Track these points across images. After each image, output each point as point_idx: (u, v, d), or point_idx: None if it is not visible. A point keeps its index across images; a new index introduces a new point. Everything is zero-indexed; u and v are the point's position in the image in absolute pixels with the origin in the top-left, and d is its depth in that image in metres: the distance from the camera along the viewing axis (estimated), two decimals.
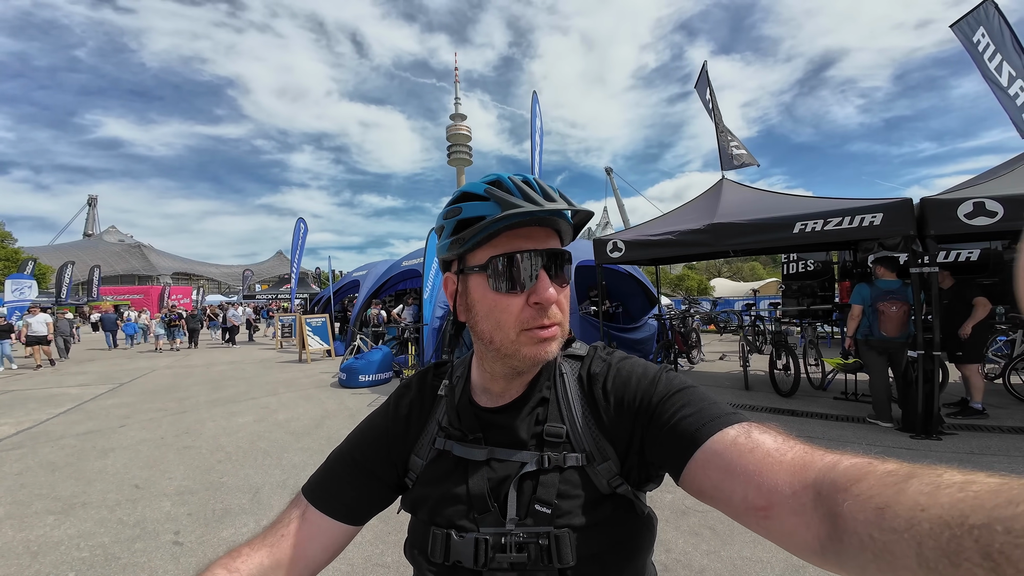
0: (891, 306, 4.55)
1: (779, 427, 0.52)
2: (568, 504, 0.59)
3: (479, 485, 0.62)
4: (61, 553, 2.79)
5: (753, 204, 5.59)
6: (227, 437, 5.10)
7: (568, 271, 0.65)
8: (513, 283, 0.60)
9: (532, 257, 0.60)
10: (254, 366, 10.92)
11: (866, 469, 0.38)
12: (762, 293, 17.78)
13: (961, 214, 3.98)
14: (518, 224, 0.60)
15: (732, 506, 0.48)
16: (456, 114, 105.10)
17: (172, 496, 3.58)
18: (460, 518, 0.62)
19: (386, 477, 0.71)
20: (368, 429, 0.75)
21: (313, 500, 0.69)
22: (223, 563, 0.61)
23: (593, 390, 0.66)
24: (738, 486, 0.47)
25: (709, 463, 0.51)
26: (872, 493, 0.35)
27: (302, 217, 15.15)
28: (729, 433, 0.51)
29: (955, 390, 5.26)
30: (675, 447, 0.55)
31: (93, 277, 30.40)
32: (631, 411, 0.61)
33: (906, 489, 0.32)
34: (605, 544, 0.60)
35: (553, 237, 0.64)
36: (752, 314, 8.54)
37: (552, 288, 0.60)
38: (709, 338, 13.01)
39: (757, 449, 0.48)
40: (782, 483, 0.44)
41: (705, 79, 7.43)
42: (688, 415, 0.55)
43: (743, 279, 38.79)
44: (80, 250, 68.97)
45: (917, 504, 0.31)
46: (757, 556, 2.54)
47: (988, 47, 5.50)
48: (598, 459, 0.61)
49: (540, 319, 0.60)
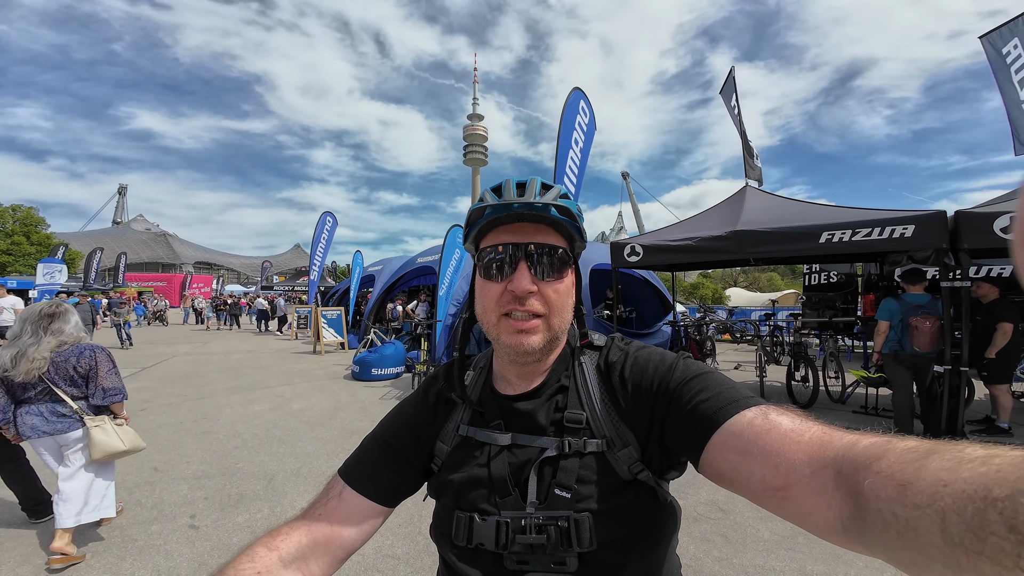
0: (924, 321, 4.41)
1: (798, 410, 0.51)
2: (588, 489, 0.60)
3: (500, 469, 0.64)
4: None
5: (777, 212, 5.48)
6: (243, 424, 5.20)
7: (564, 268, 0.66)
8: (495, 271, 0.64)
9: (512, 249, 0.63)
10: (270, 356, 11.12)
11: (886, 447, 0.37)
12: (780, 304, 17.40)
13: (997, 228, 3.84)
14: (505, 220, 0.64)
15: (750, 488, 0.48)
16: (473, 114, 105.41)
17: (189, 480, 3.66)
18: (482, 502, 0.64)
19: (417, 462, 0.73)
20: (399, 416, 0.78)
21: (350, 481, 0.71)
22: (264, 541, 0.63)
23: (611, 377, 0.67)
24: (756, 467, 0.47)
25: (727, 445, 0.51)
26: (893, 470, 0.34)
27: (330, 211, 15.13)
28: (746, 415, 0.51)
29: (980, 407, 5.07)
30: (693, 431, 0.55)
31: (120, 264, 31.37)
32: (649, 397, 0.62)
33: (927, 465, 0.32)
34: (626, 530, 0.60)
35: (546, 232, 0.65)
36: (771, 324, 8.37)
37: (528, 279, 0.62)
38: (724, 347, 12.78)
39: (774, 430, 0.48)
40: (800, 463, 0.43)
41: (732, 85, 7.31)
42: (706, 399, 0.56)
43: (760, 289, 38.05)
44: (109, 237, 71.16)
45: (939, 479, 0.30)
46: (770, 564, 2.49)
47: (1019, 59, 5.33)
48: (618, 445, 0.62)
49: (515, 304, 0.62)
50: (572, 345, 0.72)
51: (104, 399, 2.60)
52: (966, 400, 4.51)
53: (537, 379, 0.70)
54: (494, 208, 0.63)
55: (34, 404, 2.50)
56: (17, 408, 2.51)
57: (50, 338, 2.51)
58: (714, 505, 3.15)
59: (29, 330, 2.50)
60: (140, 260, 70.35)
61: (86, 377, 2.58)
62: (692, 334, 8.29)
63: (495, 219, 0.64)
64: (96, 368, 2.59)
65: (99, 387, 2.59)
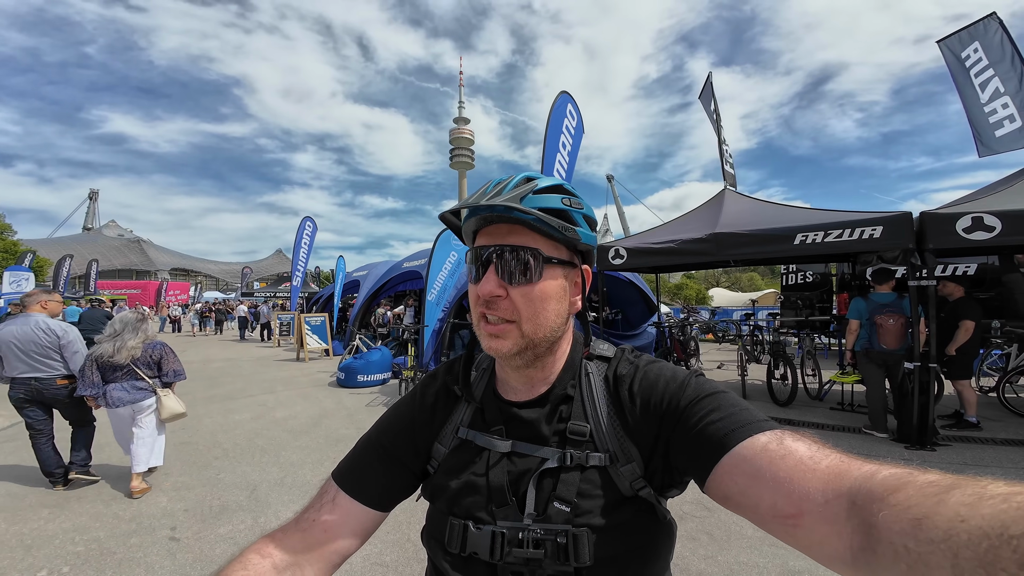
0: (888, 319, 4.60)
1: (814, 436, 0.50)
2: (588, 504, 0.59)
3: (499, 478, 0.62)
4: (55, 547, 2.77)
5: (755, 215, 5.63)
6: (224, 434, 5.08)
7: (539, 271, 0.61)
8: (472, 274, 0.64)
9: (483, 251, 0.62)
10: (251, 363, 10.88)
11: (906, 479, 0.37)
12: (760, 304, 17.81)
13: (960, 228, 4.02)
14: (485, 222, 0.63)
15: (759, 513, 0.47)
16: (460, 118, 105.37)
17: (169, 492, 3.57)
18: (478, 509, 0.62)
19: (412, 465, 0.72)
20: (395, 418, 0.76)
21: (343, 485, 0.69)
22: (256, 548, 0.63)
23: (619, 391, 0.65)
24: (766, 493, 0.46)
25: (737, 468, 0.50)
26: (911, 503, 0.34)
27: (310, 216, 14.91)
28: (760, 439, 0.50)
29: (951, 402, 5.29)
30: (702, 451, 0.54)
31: (91, 271, 30.24)
32: (657, 414, 0.61)
33: (947, 500, 0.31)
34: (624, 547, 0.59)
35: (520, 233, 0.61)
36: (751, 324, 8.57)
37: (494, 283, 0.60)
38: (707, 347, 13.01)
39: (789, 456, 0.47)
40: (814, 491, 0.43)
41: (710, 90, 7.49)
42: (717, 420, 0.54)
43: (741, 289, 38.82)
44: (79, 244, 68.71)
45: (958, 515, 0.30)
46: (753, 561, 2.55)
47: (979, 62, 5.58)
48: (622, 460, 0.61)
49: (485, 309, 0.62)
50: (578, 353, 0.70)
51: (174, 377, 3.79)
52: (936, 396, 4.70)
53: (541, 387, 0.68)
54: (468, 212, 0.63)
55: (118, 382, 3.55)
56: (106, 386, 3.53)
57: (140, 335, 3.61)
58: (699, 504, 3.21)
59: (128, 329, 3.58)
60: (113, 267, 68.01)
61: (158, 362, 3.71)
62: (676, 335, 8.43)
63: (477, 221, 0.64)
64: (165, 356, 3.75)
65: (171, 369, 3.76)
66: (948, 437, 4.57)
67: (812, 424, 5.19)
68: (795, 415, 5.54)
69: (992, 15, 5.51)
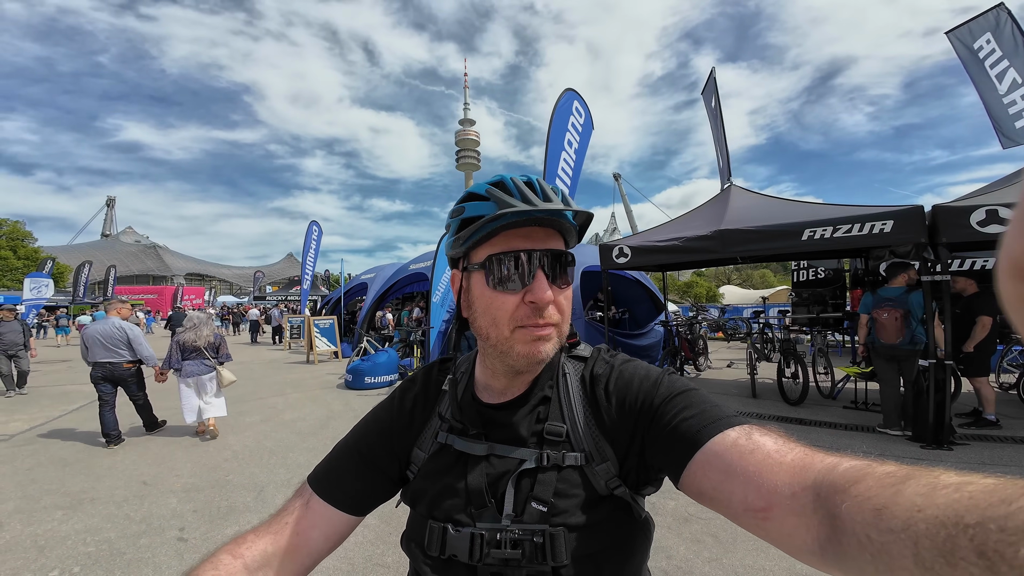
0: (883, 313, 4.56)
1: (781, 430, 0.51)
2: (565, 503, 0.59)
3: (477, 480, 0.63)
4: (68, 548, 2.84)
5: (761, 211, 5.55)
6: (234, 436, 5.16)
7: (570, 273, 0.65)
8: (509, 281, 0.60)
9: (529, 256, 0.60)
10: (262, 367, 11.04)
11: (865, 471, 0.38)
12: (772, 301, 17.54)
13: (974, 222, 3.91)
14: (517, 224, 0.60)
15: (731, 508, 0.48)
16: (465, 119, 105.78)
17: (179, 493, 3.63)
18: (457, 512, 0.62)
19: (389, 470, 0.71)
20: (373, 422, 0.76)
21: (318, 490, 0.70)
22: (228, 549, 0.63)
23: (595, 391, 0.66)
24: (738, 487, 0.47)
25: (709, 464, 0.51)
26: (871, 494, 0.35)
27: (315, 220, 15.13)
28: (730, 435, 0.51)
29: (968, 400, 5.14)
30: (675, 448, 0.55)
31: (109, 277, 30.97)
32: (632, 412, 0.61)
33: (903, 490, 0.33)
34: (600, 545, 0.59)
35: (555, 238, 0.64)
36: (760, 321, 8.44)
37: (549, 289, 0.60)
38: (716, 345, 12.87)
39: (757, 451, 0.48)
40: (782, 484, 0.44)
41: (712, 86, 7.41)
42: (689, 417, 0.55)
43: (753, 286, 38.36)
44: (97, 250, 70.50)
45: (914, 505, 0.31)
46: (759, 564, 2.51)
47: (992, 53, 5.47)
48: (597, 459, 0.61)
49: (535, 318, 0.60)
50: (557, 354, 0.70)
51: (226, 359, 5.44)
52: (953, 394, 4.58)
53: (520, 388, 0.68)
54: (516, 213, 0.59)
55: (191, 360, 5.14)
56: (183, 362, 5.12)
57: (211, 326, 5.40)
58: None
59: (203, 324, 5.29)
60: (130, 272, 69.66)
61: (216, 347, 5.35)
62: (684, 333, 8.34)
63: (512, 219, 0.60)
64: (222, 344, 5.44)
65: (225, 353, 5.43)
66: (966, 436, 4.44)
67: (824, 423, 5.08)
68: (807, 414, 5.43)
69: (1001, 6, 5.39)
